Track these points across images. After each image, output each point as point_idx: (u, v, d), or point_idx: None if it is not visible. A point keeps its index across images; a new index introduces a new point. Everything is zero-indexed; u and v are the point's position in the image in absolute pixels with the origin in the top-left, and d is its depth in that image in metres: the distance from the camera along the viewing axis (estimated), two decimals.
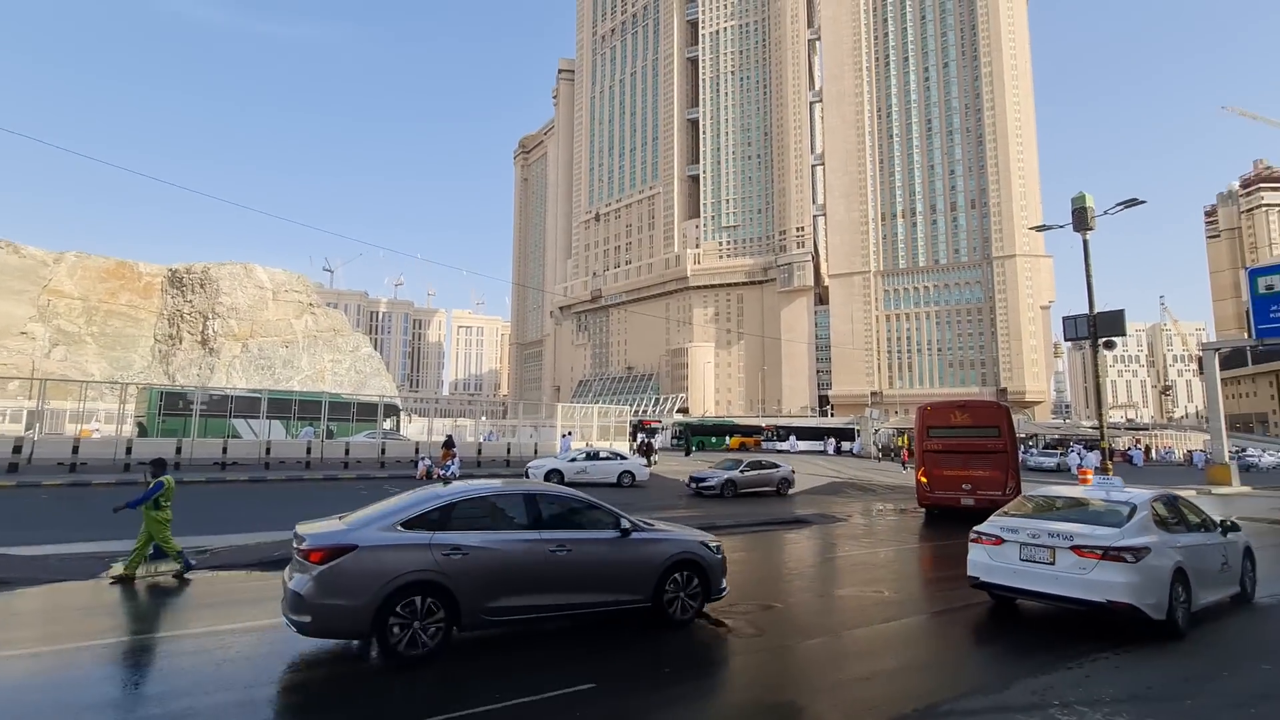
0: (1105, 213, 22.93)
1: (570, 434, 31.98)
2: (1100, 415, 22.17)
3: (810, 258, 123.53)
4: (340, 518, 5.91)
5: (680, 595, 6.55)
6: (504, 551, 5.78)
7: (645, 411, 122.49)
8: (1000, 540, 6.99)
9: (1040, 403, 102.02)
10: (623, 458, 23.70)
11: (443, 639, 5.40)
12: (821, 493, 23.34)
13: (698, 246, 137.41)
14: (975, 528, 7.43)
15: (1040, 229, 26.77)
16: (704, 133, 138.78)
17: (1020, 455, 24.98)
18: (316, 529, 5.58)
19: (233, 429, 25.80)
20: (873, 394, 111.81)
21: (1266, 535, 13.99)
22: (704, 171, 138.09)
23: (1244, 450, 55.04)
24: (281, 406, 28.33)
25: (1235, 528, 8.03)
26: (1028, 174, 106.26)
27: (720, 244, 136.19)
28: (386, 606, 5.21)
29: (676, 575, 6.56)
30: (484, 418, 69.75)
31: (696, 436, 57.00)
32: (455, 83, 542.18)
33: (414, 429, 36.55)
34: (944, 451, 16.62)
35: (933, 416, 17.27)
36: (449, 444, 21.24)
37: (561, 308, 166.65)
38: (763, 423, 72.01)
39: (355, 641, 5.67)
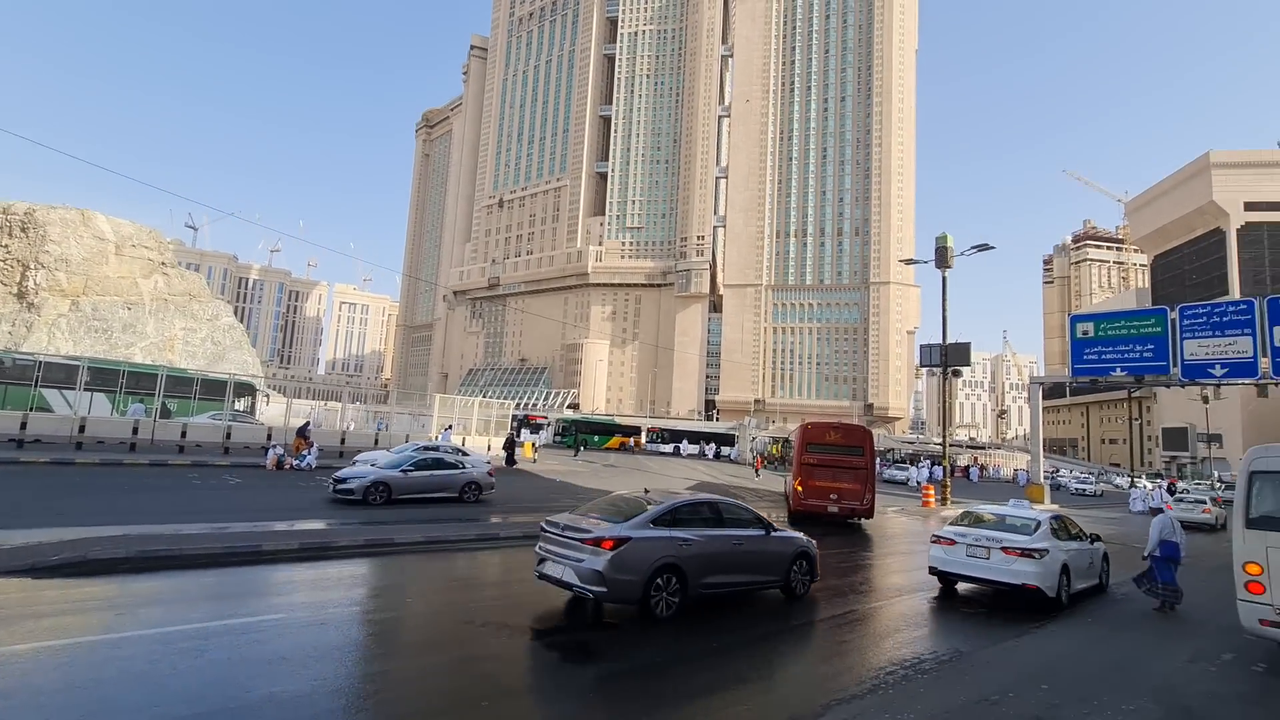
0: (961, 254, 25.38)
1: (451, 428, 30.58)
2: (944, 437, 24.52)
3: (708, 266, 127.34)
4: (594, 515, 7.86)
5: (801, 577, 9.03)
6: (709, 543, 7.93)
7: (535, 405, 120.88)
8: (954, 542, 9.83)
9: (900, 418, 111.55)
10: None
11: (679, 606, 7.43)
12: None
13: (601, 244, 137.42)
14: (935, 532, 10.28)
15: (908, 262, 29.15)
16: (615, 131, 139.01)
17: (878, 468, 28.92)
18: (597, 525, 7.42)
19: (40, 400, 22.18)
20: (756, 401, 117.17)
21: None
22: (612, 170, 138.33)
23: (1057, 471, 63.16)
24: (107, 378, 24.44)
25: (1098, 539, 11.26)
26: (905, 210, 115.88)
27: (623, 244, 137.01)
28: (649, 580, 7.20)
29: (798, 563, 9.00)
30: (357, 402, 65.88)
31: (582, 435, 56.17)
32: (359, 40, 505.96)
33: (272, 411, 33.31)
34: (818, 465, 18.00)
35: (812, 433, 18.70)
36: (302, 433, 19.54)
37: (456, 292, 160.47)
38: (648, 423, 73.02)
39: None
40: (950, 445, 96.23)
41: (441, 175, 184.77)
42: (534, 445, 31.13)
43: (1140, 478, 64.14)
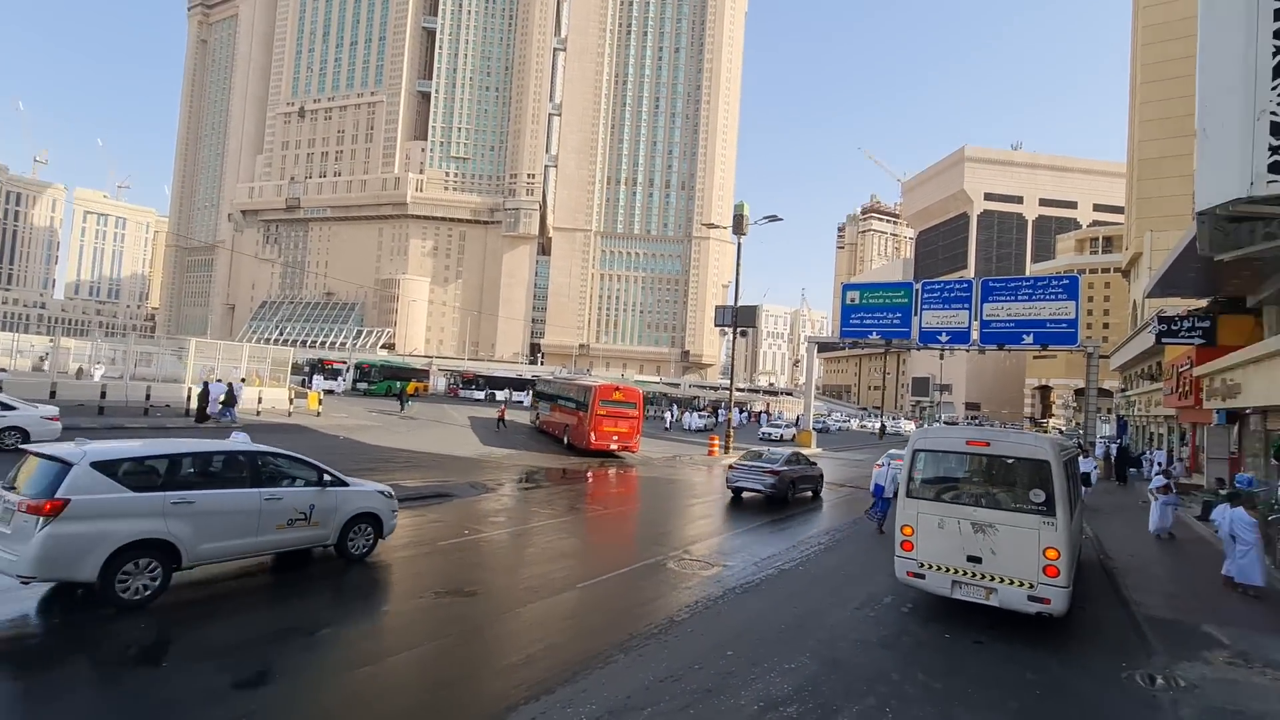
0: (755, 223, 27.24)
1: (220, 380, 26.00)
2: (731, 393, 26.88)
3: (539, 206, 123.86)
4: None
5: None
6: None
7: (344, 345, 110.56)
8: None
9: (712, 365, 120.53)
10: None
11: None
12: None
13: (422, 172, 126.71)
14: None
15: (710, 226, 30.69)
16: (441, 48, 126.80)
17: (679, 414, 44.03)
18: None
19: None
20: (581, 346, 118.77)
21: (825, 494, 18.35)
22: (437, 91, 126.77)
23: (830, 414, 72.93)
24: None
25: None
26: (727, 168, 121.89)
27: (447, 174, 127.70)
28: None
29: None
30: (116, 337, 55.45)
31: (384, 381, 50.07)
32: None
33: None
34: (606, 416, 23.96)
35: (603, 393, 24.29)
36: None
37: (245, 212, 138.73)
38: (469, 367, 70.24)
39: None
40: (750, 391, 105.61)
41: (224, 69, 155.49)
42: (319, 396, 28.12)
43: (895, 418, 76.57)
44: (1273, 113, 4.43)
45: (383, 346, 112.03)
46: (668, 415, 47.73)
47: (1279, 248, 5.36)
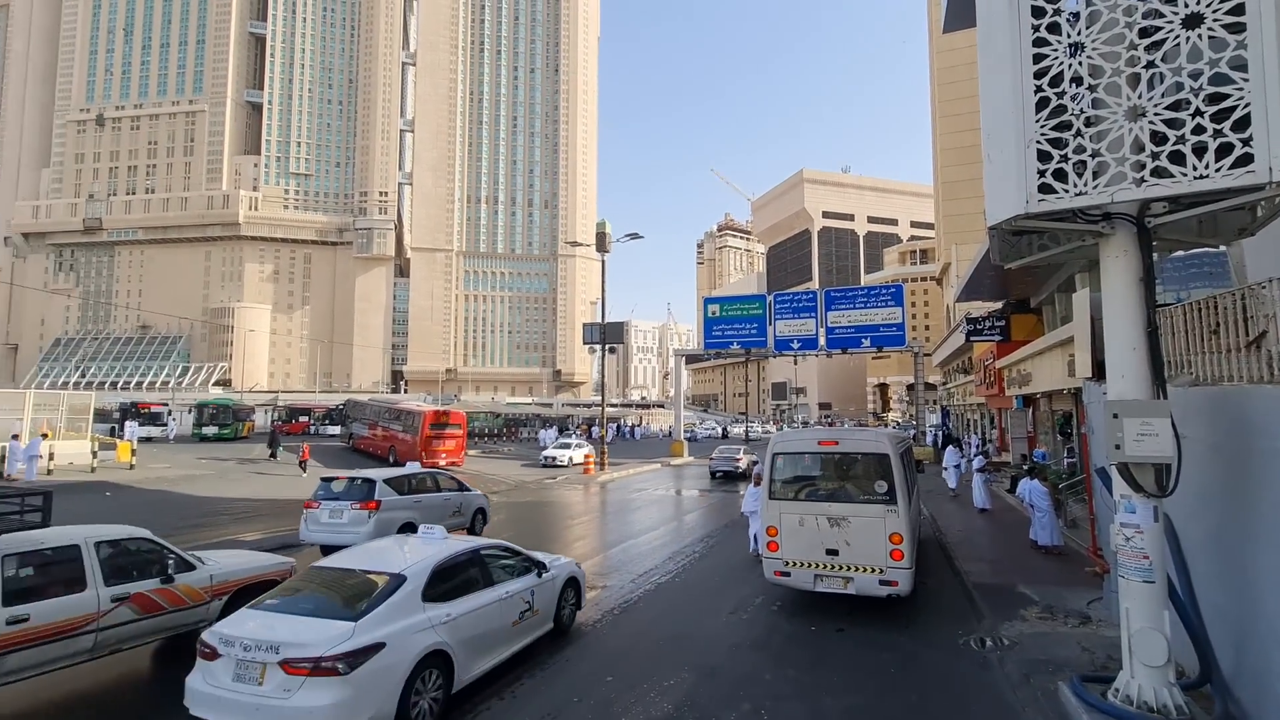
0: (618, 240, 27.73)
1: (17, 437, 21.29)
2: (603, 410, 27.02)
3: (393, 226, 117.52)
4: None
5: None
6: None
7: (166, 385, 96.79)
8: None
9: (585, 383, 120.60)
10: None
11: None
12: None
13: (256, 190, 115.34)
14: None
15: (573, 244, 30.80)
16: (272, 55, 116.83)
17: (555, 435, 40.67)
18: None
19: None
20: (448, 370, 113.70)
21: (698, 500, 18.74)
22: (269, 102, 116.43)
23: (702, 422, 75.77)
24: None
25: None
26: (588, 186, 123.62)
27: (286, 192, 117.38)
28: None
29: None
30: None
31: (235, 424, 42.15)
32: None
33: None
34: (434, 437, 27.16)
35: (432, 418, 27.76)
36: None
37: (29, 235, 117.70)
38: (323, 399, 64.28)
39: None
40: (623, 405, 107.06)
41: None
42: (131, 446, 24.03)
43: (764, 423, 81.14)
44: (1038, 141, 5.13)
45: (216, 383, 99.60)
46: (542, 435, 47.06)
47: (1049, 257, 6.28)
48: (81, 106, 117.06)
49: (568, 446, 30.44)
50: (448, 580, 5.92)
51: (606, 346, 27.56)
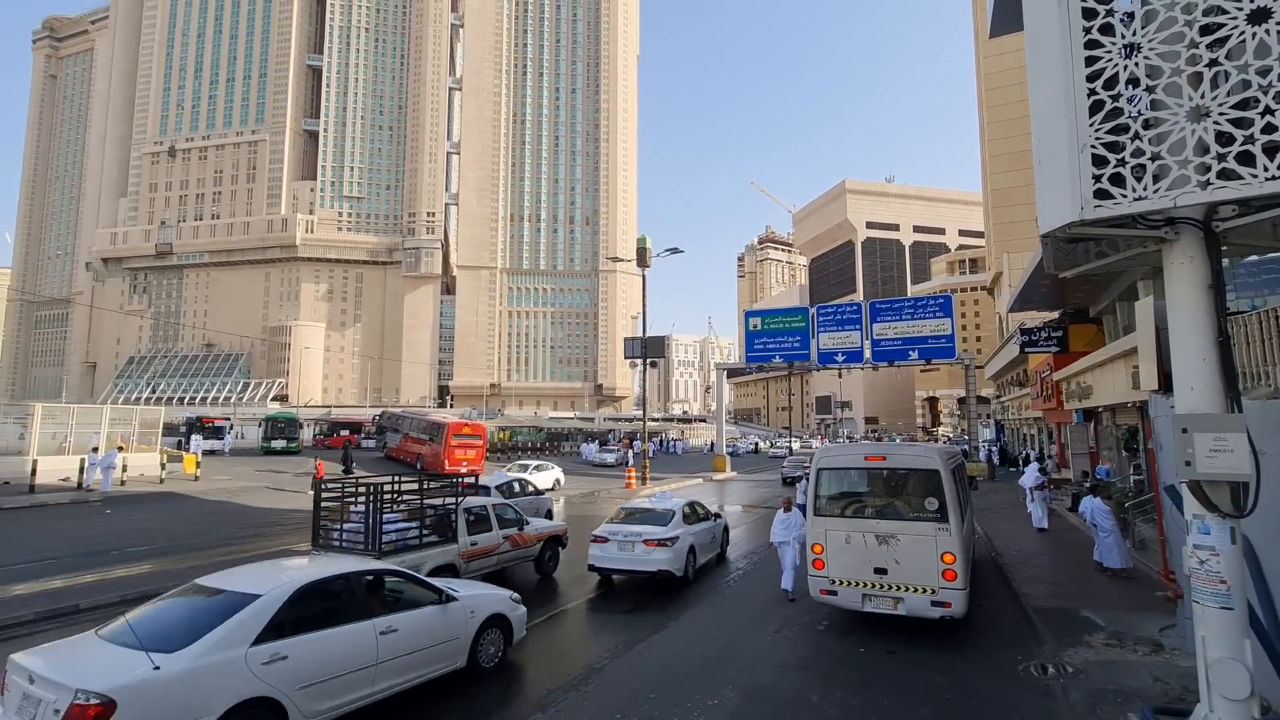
0: (659, 255, 27.85)
1: (97, 448, 22.79)
2: (644, 424, 26.94)
3: (440, 245, 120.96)
4: None
5: None
6: None
7: (229, 400, 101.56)
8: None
9: (626, 397, 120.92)
10: None
11: None
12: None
13: (312, 213, 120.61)
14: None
15: (615, 260, 31.13)
16: (328, 86, 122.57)
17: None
18: None
19: None
20: (492, 385, 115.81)
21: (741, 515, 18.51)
22: (325, 130, 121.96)
23: (744, 436, 74.89)
24: None
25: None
26: (629, 203, 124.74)
27: (340, 215, 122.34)
28: None
29: None
30: None
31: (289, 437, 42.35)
32: None
33: None
34: (458, 446, 29.20)
35: (455, 429, 30.06)
36: None
37: (108, 260, 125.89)
38: (368, 414, 66.08)
39: None
40: (664, 420, 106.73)
41: (78, 107, 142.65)
42: (196, 459, 25.30)
43: (799, 439, 79.65)
44: (1093, 146, 4.96)
45: (274, 398, 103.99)
46: (584, 449, 47.51)
47: (1108, 265, 6.03)
48: (155, 139, 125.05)
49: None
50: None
51: (647, 361, 27.57)
